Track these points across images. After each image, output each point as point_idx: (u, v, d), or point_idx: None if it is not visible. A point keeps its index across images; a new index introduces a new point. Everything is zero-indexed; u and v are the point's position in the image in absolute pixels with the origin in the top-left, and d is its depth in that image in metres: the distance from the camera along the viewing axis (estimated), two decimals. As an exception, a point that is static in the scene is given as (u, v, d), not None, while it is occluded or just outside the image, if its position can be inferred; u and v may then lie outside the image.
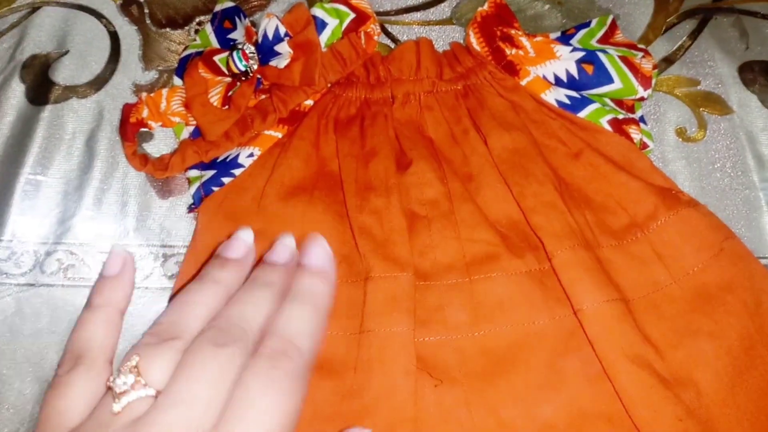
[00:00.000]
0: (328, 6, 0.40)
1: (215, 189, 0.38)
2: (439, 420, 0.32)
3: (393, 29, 0.46)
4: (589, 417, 0.32)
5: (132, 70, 0.44)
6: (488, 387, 0.32)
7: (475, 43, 0.42)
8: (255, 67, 0.40)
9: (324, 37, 0.40)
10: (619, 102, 0.41)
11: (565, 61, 0.41)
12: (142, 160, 0.40)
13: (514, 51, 0.41)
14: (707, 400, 0.32)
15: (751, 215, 0.39)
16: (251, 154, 0.40)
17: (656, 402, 0.31)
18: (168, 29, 0.46)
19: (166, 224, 0.39)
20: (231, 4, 0.43)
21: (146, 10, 0.47)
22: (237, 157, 0.39)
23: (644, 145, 0.40)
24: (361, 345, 0.33)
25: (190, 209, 0.39)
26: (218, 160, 0.40)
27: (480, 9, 0.43)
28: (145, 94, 0.41)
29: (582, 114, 0.40)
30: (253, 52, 0.40)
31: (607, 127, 0.40)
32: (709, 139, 0.41)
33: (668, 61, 0.44)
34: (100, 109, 0.43)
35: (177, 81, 0.42)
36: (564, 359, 0.33)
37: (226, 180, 0.39)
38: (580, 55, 0.40)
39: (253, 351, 0.23)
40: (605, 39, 0.42)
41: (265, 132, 0.40)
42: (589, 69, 0.40)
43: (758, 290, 0.34)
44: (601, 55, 0.40)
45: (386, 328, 0.33)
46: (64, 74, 0.44)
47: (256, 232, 0.37)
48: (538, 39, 0.42)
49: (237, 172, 0.39)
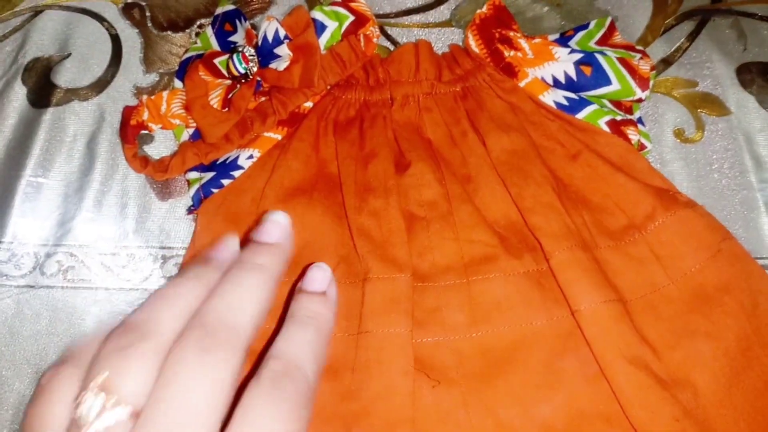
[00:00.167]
0: (327, 9, 0.40)
1: (215, 191, 0.39)
2: (437, 421, 0.32)
3: (392, 31, 0.46)
4: (587, 417, 0.32)
5: (133, 73, 0.45)
6: (486, 387, 0.32)
7: (473, 45, 0.42)
8: (255, 69, 0.40)
9: (323, 40, 0.40)
10: (617, 103, 0.41)
11: (563, 63, 0.41)
12: (143, 162, 0.40)
13: (512, 53, 0.42)
14: (704, 400, 0.32)
15: (748, 216, 0.39)
16: (251, 156, 0.40)
17: (653, 402, 0.31)
18: (169, 32, 0.46)
19: (166, 226, 0.39)
20: (232, 7, 0.44)
21: (148, 13, 0.47)
22: (237, 159, 0.40)
23: (642, 146, 0.40)
24: (359, 346, 0.33)
25: (190, 211, 0.39)
26: (218, 162, 0.40)
27: (479, 11, 0.43)
28: (145, 97, 0.41)
29: (580, 115, 0.40)
30: (253, 55, 0.40)
31: (605, 128, 0.40)
32: (706, 140, 0.42)
33: (666, 62, 0.45)
34: (101, 112, 0.43)
35: (178, 83, 0.43)
36: (562, 360, 0.33)
37: (226, 182, 0.39)
38: (578, 56, 0.41)
39: (246, 351, 0.20)
40: (604, 41, 0.43)
41: (265, 134, 0.40)
42: (587, 71, 0.40)
43: (755, 291, 0.34)
44: (599, 57, 0.40)
45: (384, 329, 0.33)
46: (65, 77, 0.44)
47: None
48: (537, 41, 0.42)
49: (236, 173, 0.39)
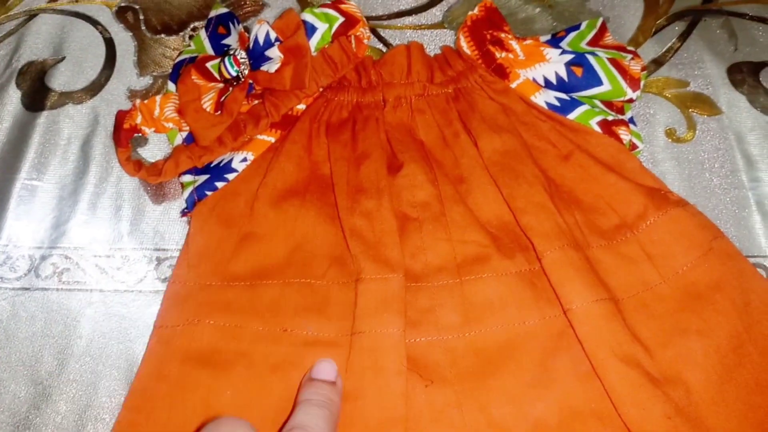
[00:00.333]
0: (317, 11, 0.41)
1: (209, 193, 0.39)
2: (430, 420, 0.32)
3: (385, 33, 0.46)
4: (579, 415, 0.32)
5: (127, 76, 0.45)
6: (479, 386, 0.33)
7: (465, 46, 0.43)
8: (246, 72, 0.40)
9: (314, 41, 0.40)
10: (608, 104, 0.41)
11: (554, 64, 0.41)
12: (136, 166, 0.40)
13: (504, 54, 0.42)
14: (696, 398, 0.32)
15: (740, 214, 0.39)
16: (244, 159, 0.40)
17: (645, 400, 0.31)
18: (163, 35, 0.47)
19: (160, 228, 0.40)
20: (225, 10, 0.44)
21: (141, 17, 0.47)
22: (230, 161, 0.40)
23: (633, 146, 0.40)
24: (352, 347, 0.33)
25: (184, 213, 0.39)
26: (212, 165, 0.40)
27: (470, 13, 0.43)
28: (138, 101, 0.42)
29: (571, 116, 0.40)
30: (244, 58, 0.40)
31: (597, 128, 0.40)
32: (698, 139, 0.42)
33: (658, 62, 0.45)
34: (95, 115, 0.43)
35: (171, 86, 0.43)
36: (554, 358, 0.33)
37: (220, 184, 0.39)
38: (569, 57, 0.41)
39: None
40: (595, 41, 0.43)
41: (258, 137, 0.41)
42: (579, 71, 0.40)
43: (747, 289, 0.35)
44: (590, 58, 0.41)
45: (377, 330, 0.33)
46: (60, 80, 0.45)
47: (250, 235, 0.38)
48: (528, 42, 0.42)
49: (230, 176, 0.39)
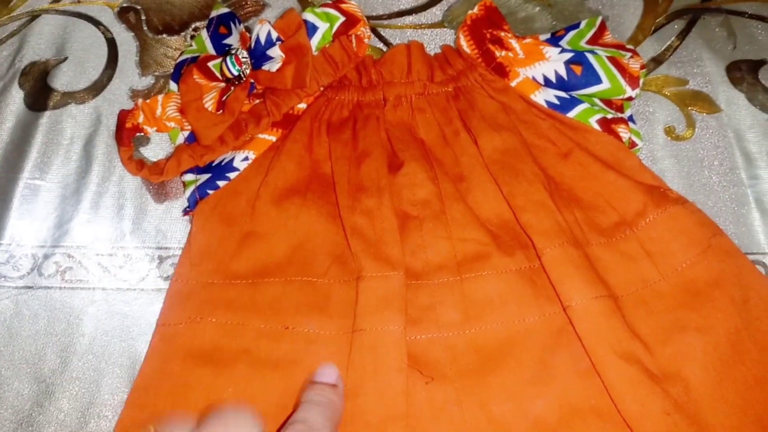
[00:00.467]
0: (318, 10, 0.41)
1: (210, 192, 0.39)
2: (430, 417, 0.32)
3: (386, 33, 0.47)
4: (579, 411, 0.32)
5: (129, 76, 0.45)
6: (479, 383, 0.33)
7: (465, 45, 0.43)
8: (248, 71, 0.41)
9: (315, 41, 0.41)
10: (608, 102, 0.41)
11: (554, 63, 0.41)
12: (138, 165, 0.40)
13: (503, 53, 0.42)
14: (695, 394, 0.32)
15: (739, 212, 0.39)
16: (246, 158, 0.40)
17: (644, 397, 0.31)
18: (164, 35, 0.47)
19: (162, 227, 0.40)
20: (226, 10, 0.44)
21: (143, 17, 0.48)
22: (232, 160, 0.40)
23: (633, 144, 0.40)
24: (353, 344, 0.33)
25: (185, 212, 0.40)
26: (213, 164, 0.40)
27: (470, 12, 0.43)
28: (141, 100, 0.42)
29: (571, 114, 0.40)
30: (246, 57, 0.41)
31: (596, 126, 0.40)
32: (697, 137, 0.42)
33: (657, 61, 0.45)
34: (97, 115, 0.44)
35: (173, 86, 0.43)
36: (554, 355, 0.33)
37: (222, 183, 0.39)
38: (568, 56, 0.41)
39: None
40: (594, 40, 0.43)
41: (260, 136, 0.41)
42: (578, 70, 0.41)
43: (745, 286, 0.35)
44: (589, 56, 0.41)
45: (378, 327, 0.33)
46: (62, 80, 0.45)
47: (251, 234, 0.38)
48: (528, 41, 0.42)
49: (232, 175, 0.40)
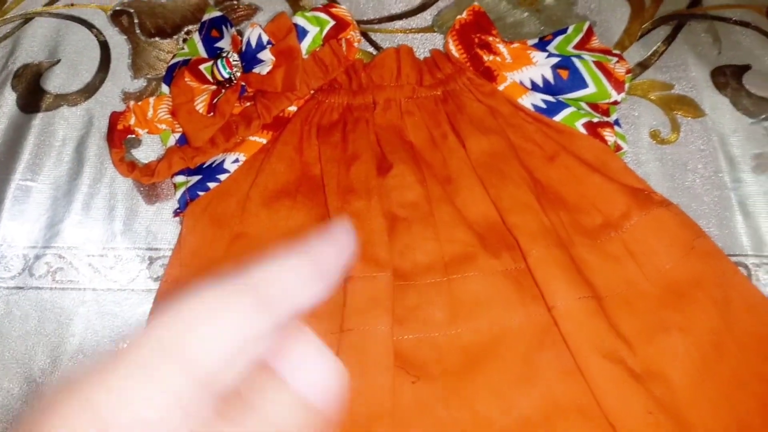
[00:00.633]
0: (308, 14, 0.41)
1: (201, 194, 0.39)
2: (416, 415, 0.33)
3: (376, 37, 0.47)
4: (563, 410, 0.32)
5: (121, 79, 0.45)
6: (465, 382, 0.33)
7: (453, 50, 0.43)
8: (239, 74, 0.41)
9: (305, 44, 0.41)
10: (594, 106, 0.42)
11: (541, 67, 0.42)
12: (130, 167, 0.41)
13: (491, 57, 0.43)
14: (678, 393, 0.33)
15: (722, 214, 0.40)
16: (236, 160, 0.41)
17: (627, 395, 0.32)
18: (157, 38, 0.47)
19: (153, 228, 0.40)
20: (218, 14, 0.45)
21: (136, 20, 0.48)
22: (222, 162, 0.40)
23: (618, 147, 0.41)
24: (341, 344, 0.34)
25: (176, 213, 0.40)
26: (204, 166, 0.41)
27: (459, 17, 0.44)
28: (132, 102, 0.42)
29: (557, 118, 0.41)
30: (236, 60, 0.41)
31: (582, 130, 0.41)
32: (682, 141, 0.43)
33: (643, 65, 0.46)
34: (89, 117, 0.44)
35: (165, 89, 0.43)
36: (539, 355, 0.34)
37: (212, 185, 0.40)
38: (555, 60, 0.42)
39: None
40: (581, 45, 0.44)
41: (250, 138, 0.41)
42: (564, 74, 0.41)
43: (727, 287, 0.35)
44: (576, 61, 0.41)
45: (366, 327, 0.33)
46: (55, 83, 0.45)
47: (241, 235, 0.38)
48: (515, 45, 0.43)
49: (222, 177, 0.40)
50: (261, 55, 0.40)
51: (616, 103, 0.41)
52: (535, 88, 0.42)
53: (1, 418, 0.35)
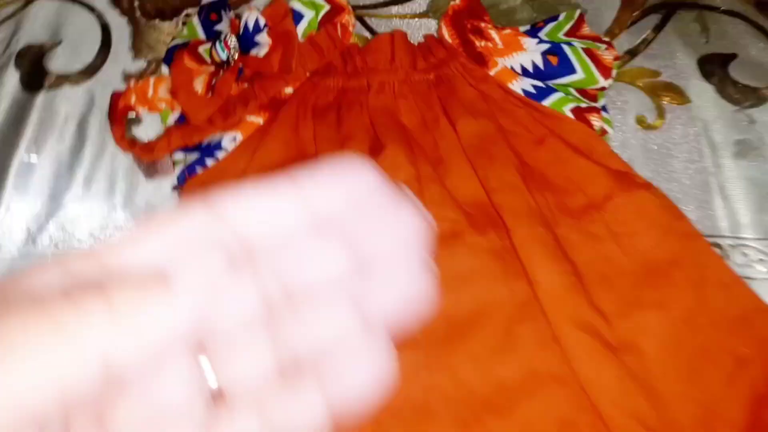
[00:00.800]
0: (305, -2, 0.43)
1: (199, 170, 0.41)
2: (400, 380, 0.34)
3: (372, 22, 0.48)
4: (539, 377, 0.34)
5: (122, 60, 0.47)
6: (448, 350, 0.35)
7: (446, 35, 0.45)
8: (237, 56, 0.42)
9: (301, 28, 0.42)
10: (582, 91, 0.43)
11: (531, 53, 0.43)
12: (130, 143, 0.42)
13: (483, 43, 0.44)
14: (649, 364, 0.34)
15: (702, 198, 0.41)
16: (234, 139, 0.42)
17: (601, 365, 0.33)
18: (157, 20, 0.48)
19: (152, 202, 0.42)
20: (217, -3, 0.46)
21: (136, 3, 0.49)
22: (220, 141, 0.42)
23: (604, 132, 0.42)
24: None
25: (175, 188, 0.41)
26: (202, 144, 0.42)
27: (452, 3, 0.45)
28: (133, 81, 0.44)
29: (546, 102, 0.42)
30: (235, 43, 0.42)
31: (570, 114, 0.42)
32: (667, 126, 0.44)
33: (632, 53, 0.47)
34: (91, 96, 0.45)
35: (165, 70, 0.45)
36: (519, 326, 0.35)
37: (210, 162, 0.41)
38: (545, 47, 0.43)
39: None
40: (572, 32, 0.45)
41: (247, 118, 0.42)
42: (554, 60, 0.42)
43: (702, 266, 0.37)
44: (565, 47, 0.43)
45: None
46: (57, 63, 0.46)
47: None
48: (507, 32, 0.44)
49: (220, 155, 0.41)
50: (258, 38, 0.42)
51: (603, 89, 0.43)
52: (525, 73, 0.43)
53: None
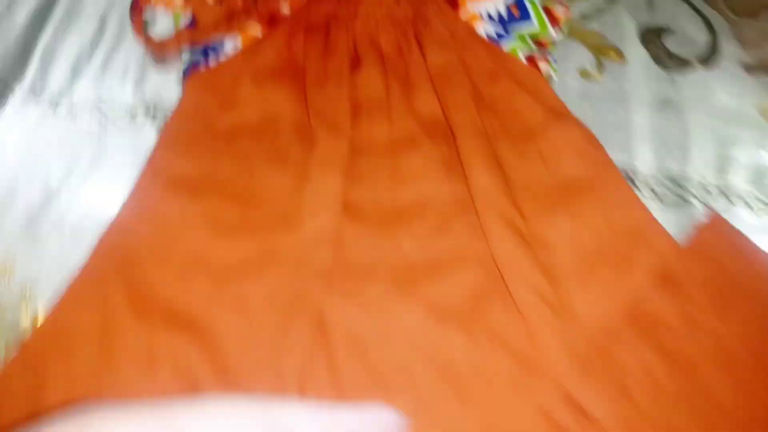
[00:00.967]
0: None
1: (202, 67, 0.48)
2: (352, 245, 0.41)
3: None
4: (465, 257, 0.41)
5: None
6: (394, 229, 0.42)
7: (428, -21, 0.52)
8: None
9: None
10: (537, 41, 0.51)
11: (497, 3, 0.50)
12: (147, 38, 0.49)
13: (458, -10, 0.51)
14: (555, 258, 0.42)
15: (623, 143, 0.49)
16: (234, 45, 0.49)
17: (516, 252, 0.41)
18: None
19: (160, 89, 0.48)
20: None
21: None
22: (223, 44, 0.49)
23: (550, 77, 0.50)
24: (303, 187, 0.42)
25: (181, 79, 0.48)
26: (207, 46, 0.49)
27: (436, -47, 0.52)
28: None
29: (504, 46, 0.50)
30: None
31: (523, 59, 0.49)
32: (604, 80, 0.52)
33: (585, 17, 0.54)
34: (114, -4, 0.52)
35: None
36: (454, 217, 0.43)
37: (212, 60, 0.48)
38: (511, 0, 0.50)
39: None
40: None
41: (248, 29, 0.49)
42: (515, 11, 0.50)
43: (612, 188, 0.44)
44: (526, 1, 0.50)
45: (323, 178, 0.42)
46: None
47: (233, 101, 0.47)
48: (480, -17, 0.51)
49: (221, 57, 0.48)
50: (266, -42, 0.48)
51: (554, 41, 0.50)
52: (490, 19, 0.50)
53: (20, 219, 0.44)
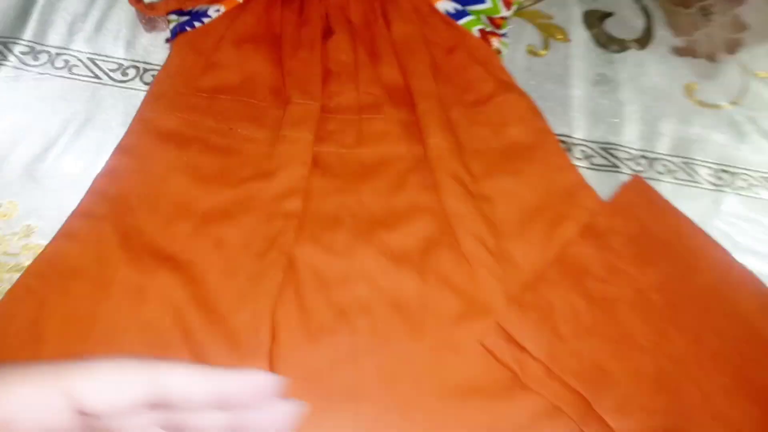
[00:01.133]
0: None
1: (188, 29, 0.52)
2: (319, 196, 0.48)
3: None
4: (419, 208, 0.48)
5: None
6: (357, 183, 0.48)
7: (395, -43, 0.57)
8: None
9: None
10: (491, 19, 0.57)
11: (456, -17, 0.56)
12: (138, 1, 0.53)
13: (422, -31, 0.56)
14: (497, 212, 0.49)
15: (562, 113, 0.56)
16: (218, 10, 0.54)
17: (462, 203, 0.47)
18: None
19: (149, 48, 0.53)
20: None
21: None
22: (207, 10, 0.53)
23: (500, 52, 0.56)
24: (276, 144, 0.48)
25: (168, 41, 0.53)
26: (193, 10, 0.54)
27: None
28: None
29: (461, 22, 0.56)
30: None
31: (477, 34, 0.55)
32: (548, 57, 0.58)
33: (537, 0, 0.60)
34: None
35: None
36: (411, 174, 0.49)
37: (197, 24, 0.53)
38: (468, -20, 0.56)
39: None
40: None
41: (230, -4, 0.54)
42: (472, -9, 0.56)
43: (549, 153, 0.51)
44: (482, -18, 0.56)
45: (296, 135, 0.48)
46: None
47: (214, 63, 0.52)
48: (442, -37, 0.57)
49: (206, 20, 0.53)
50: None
51: (505, 18, 0.56)
52: (449, -3, 0.56)
53: (19, 171, 0.48)
